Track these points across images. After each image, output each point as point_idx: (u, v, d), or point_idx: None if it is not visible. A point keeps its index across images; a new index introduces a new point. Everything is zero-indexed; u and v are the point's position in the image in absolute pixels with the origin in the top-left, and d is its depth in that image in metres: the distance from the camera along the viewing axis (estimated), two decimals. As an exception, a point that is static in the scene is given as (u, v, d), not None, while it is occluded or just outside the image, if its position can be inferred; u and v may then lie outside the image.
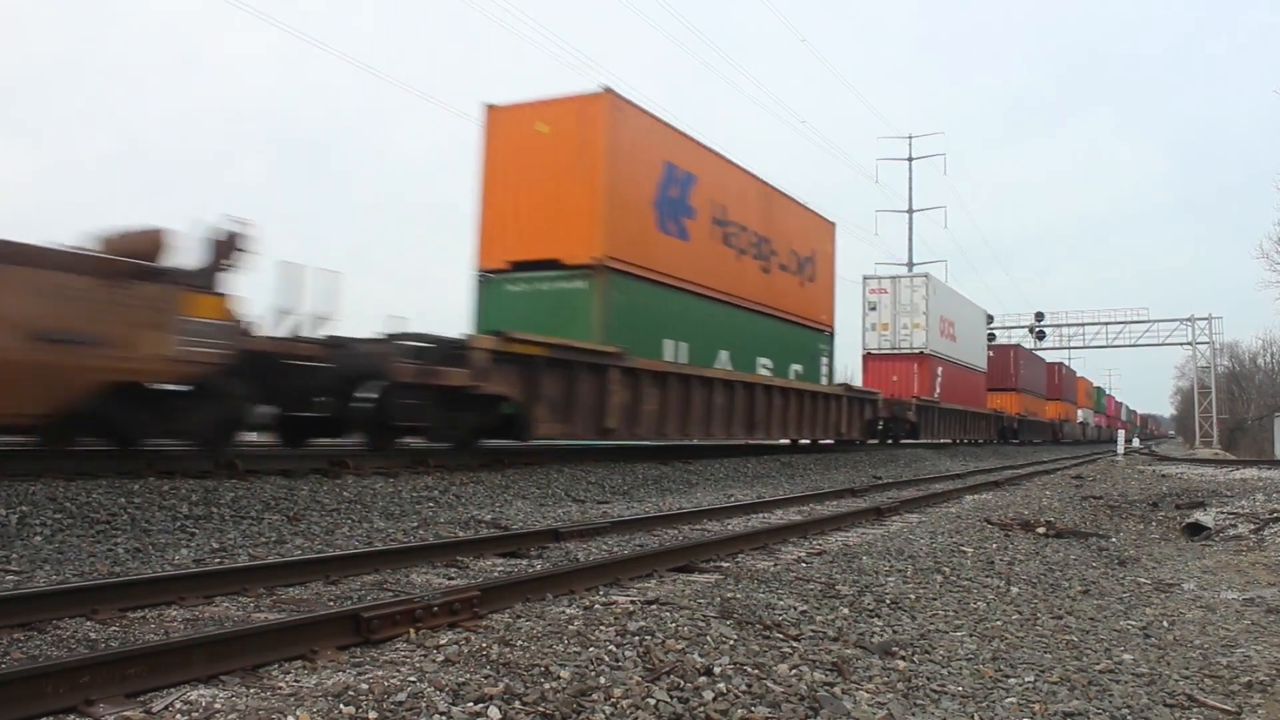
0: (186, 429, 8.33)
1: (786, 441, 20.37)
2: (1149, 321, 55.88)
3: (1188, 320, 55.84)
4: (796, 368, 19.22)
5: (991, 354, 42.33)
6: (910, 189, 49.40)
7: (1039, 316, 56.92)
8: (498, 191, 13.61)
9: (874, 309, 29.80)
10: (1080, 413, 62.42)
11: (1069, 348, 58.15)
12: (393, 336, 10.34)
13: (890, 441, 26.16)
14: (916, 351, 29.19)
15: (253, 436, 10.70)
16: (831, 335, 21.37)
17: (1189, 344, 57.11)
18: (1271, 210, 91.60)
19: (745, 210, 17.24)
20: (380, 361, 9.77)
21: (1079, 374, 65.45)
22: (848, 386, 21.65)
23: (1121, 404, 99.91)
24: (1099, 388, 77.71)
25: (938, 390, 29.57)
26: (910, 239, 51.56)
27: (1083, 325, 56.85)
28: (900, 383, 28.37)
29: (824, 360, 20.82)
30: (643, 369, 13.33)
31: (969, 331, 35.05)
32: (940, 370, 30.11)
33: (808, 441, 20.97)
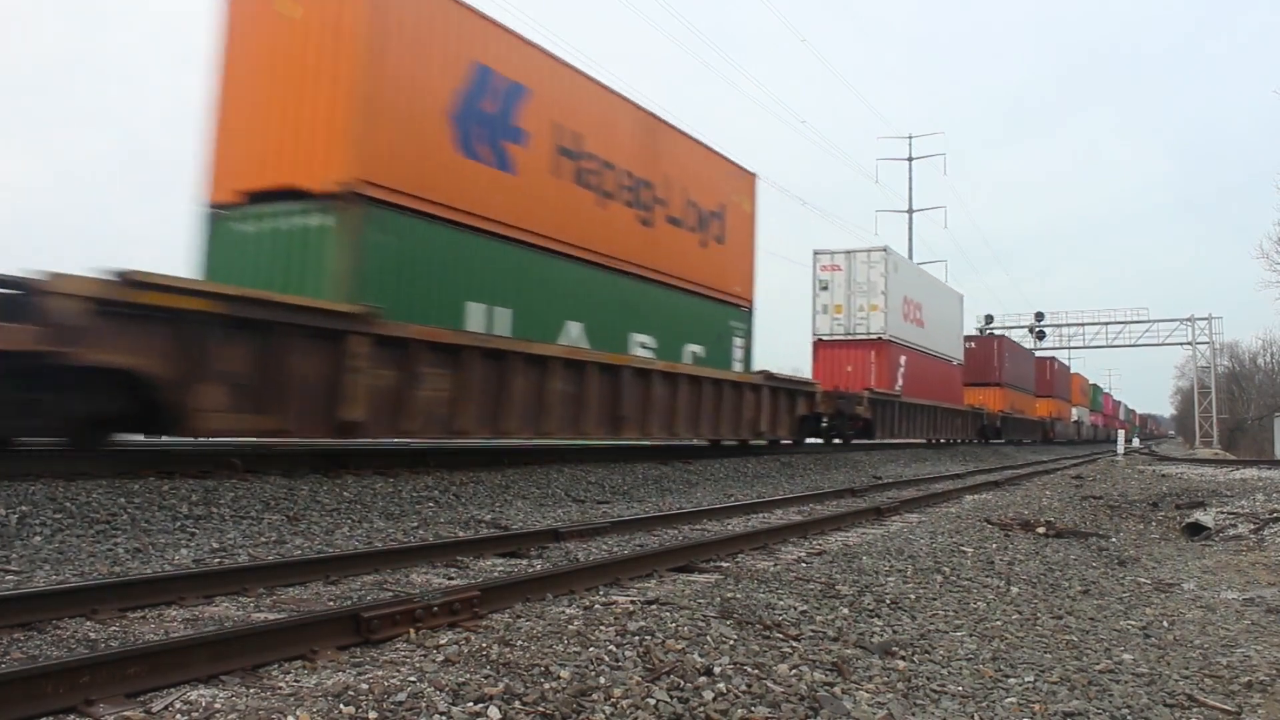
0: None
1: (703, 443, 17.08)
2: (1149, 321, 56.00)
3: (1188, 320, 55.92)
4: (694, 349, 15.29)
5: (972, 345, 38.87)
6: (910, 189, 49.54)
7: (1039, 316, 56.99)
8: (234, 99, 10.08)
9: (825, 288, 25.64)
10: (1075, 411, 59.12)
11: (1069, 347, 58.22)
12: None
13: (838, 442, 22.62)
14: (874, 337, 25.07)
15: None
16: (749, 312, 17.21)
17: (1189, 344, 57.16)
18: (1271, 210, 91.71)
19: (613, 143, 13.25)
20: None
21: (1075, 371, 63.20)
22: (770, 374, 17.49)
23: (1120, 403, 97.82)
24: (1095, 385, 73.79)
25: (900, 382, 25.75)
26: (910, 239, 51.41)
27: (1083, 325, 56.98)
28: (855, 373, 24.67)
29: (738, 342, 16.74)
30: (416, 339, 9.53)
31: (941, 317, 30.91)
32: (903, 359, 26.23)
33: (733, 443, 17.69)
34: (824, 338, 25.80)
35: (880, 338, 25.14)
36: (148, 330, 7.39)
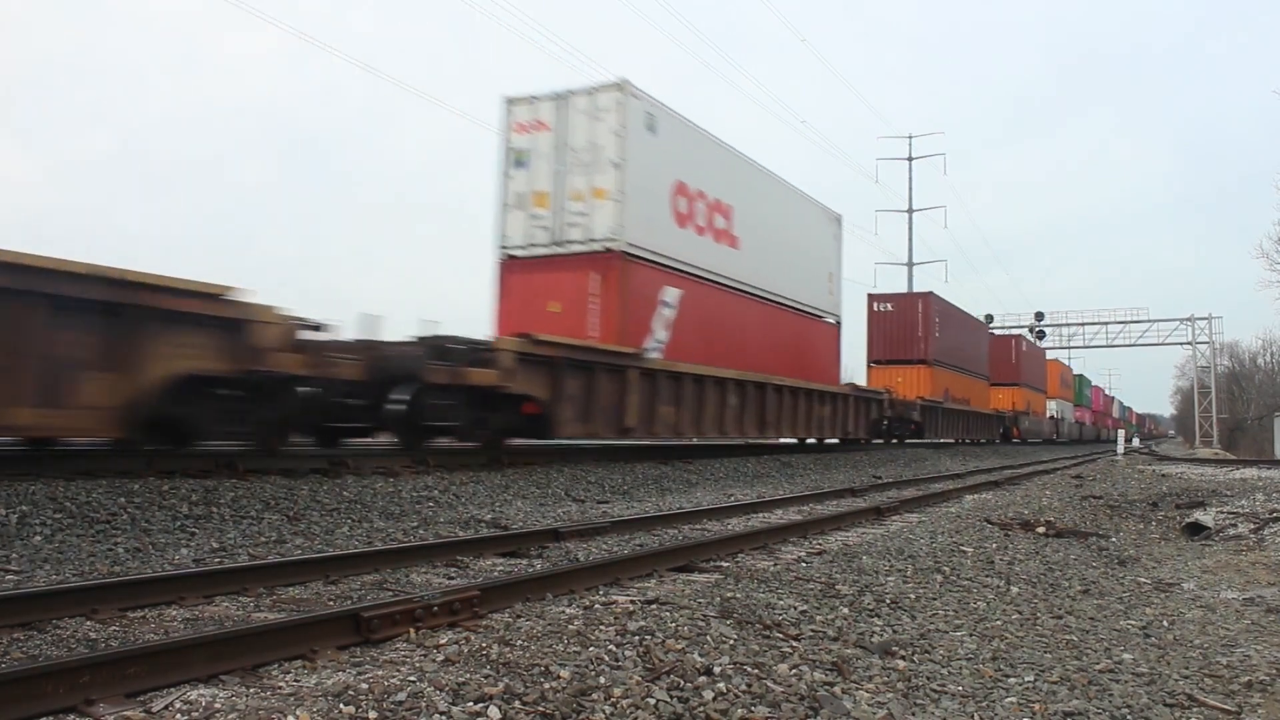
0: None
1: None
2: (1149, 321, 56.09)
3: (1188, 320, 56.00)
4: None
5: (888, 308, 28.59)
6: (910, 189, 49.46)
7: (1039, 316, 57.02)
8: None
9: (521, 164, 14.33)
10: (1052, 405, 50.59)
11: (1069, 347, 58.26)
12: None
13: (489, 448, 11.68)
14: (598, 248, 13.65)
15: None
16: None
17: (1189, 344, 57.21)
18: (1271, 210, 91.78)
19: None
20: None
21: (1061, 363, 55.55)
22: None
23: (1114, 398, 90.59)
24: (1081, 376, 63.84)
25: (662, 334, 14.60)
26: (910, 239, 51.56)
27: (1083, 325, 57.06)
28: (568, 314, 13.68)
29: None
30: None
31: (785, 239, 19.18)
32: (673, 295, 14.98)
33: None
34: (516, 252, 14.32)
35: (608, 249, 13.54)
36: None
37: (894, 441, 25.87)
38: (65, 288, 6.95)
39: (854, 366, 30.67)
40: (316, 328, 9.31)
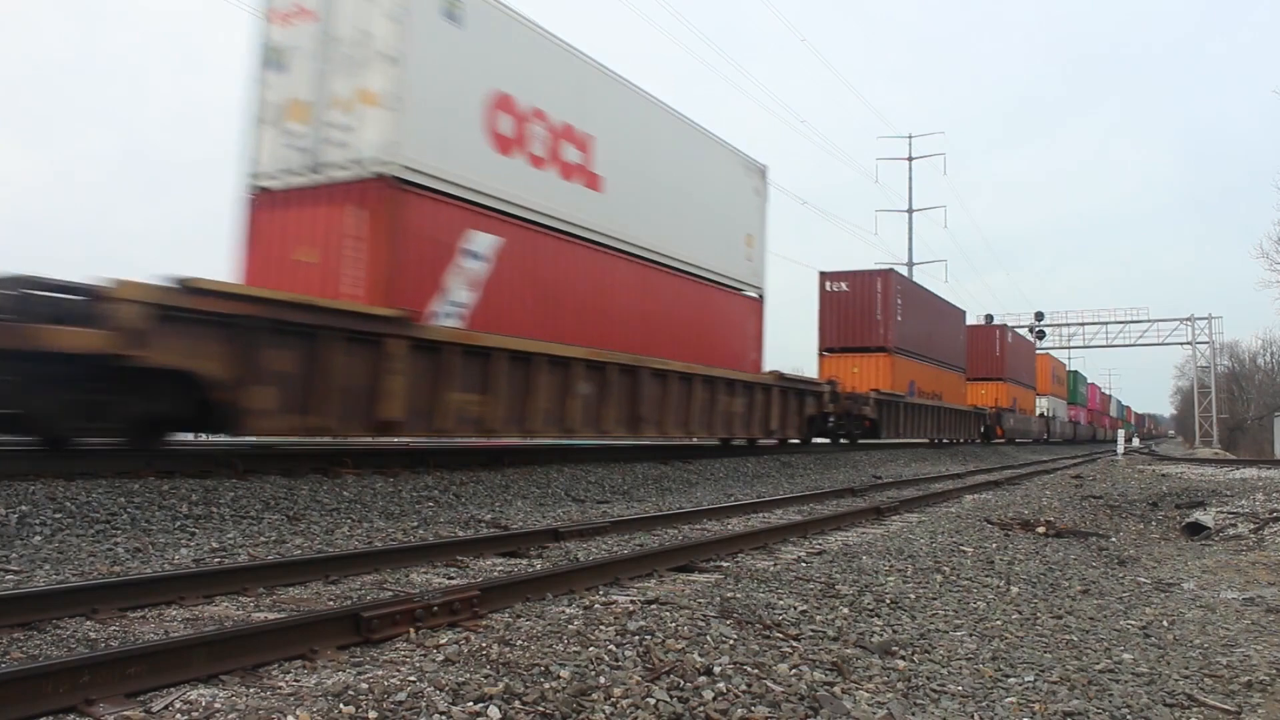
0: None
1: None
2: (1149, 321, 56.09)
3: (1188, 320, 56.02)
4: None
5: (841, 287, 24.43)
6: (910, 189, 49.46)
7: (1039, 316, 56.99)
8: None
9: (278, 63, 10.46)
10: (1043, 402, 46.95)
11: (1069, 347, 58.24)
12: None
13: (135, 450, 7.97)
14: (366, 174, 9.64)
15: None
16: None
17: (1189, 344, 57.22)
18: (1272, 210, 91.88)
19: None
20: None
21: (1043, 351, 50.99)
22: None
23: (1111, 396, 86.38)
24: (1075, 372, 60.02)
25: (464, 293, 10.55)
26: (910, 239, 51.55)
27: (1083, 325, 57.03)
28: (324, 264, 9.77)
29: None
30: None
31: (679, 188, 15.08)
32: (490, 244, 10.94)
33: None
34: (269, 183, 10.41)
35: (378, 174, 9.70)
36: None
37: (842, 441, 22.35)
38: None
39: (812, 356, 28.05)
40: None
